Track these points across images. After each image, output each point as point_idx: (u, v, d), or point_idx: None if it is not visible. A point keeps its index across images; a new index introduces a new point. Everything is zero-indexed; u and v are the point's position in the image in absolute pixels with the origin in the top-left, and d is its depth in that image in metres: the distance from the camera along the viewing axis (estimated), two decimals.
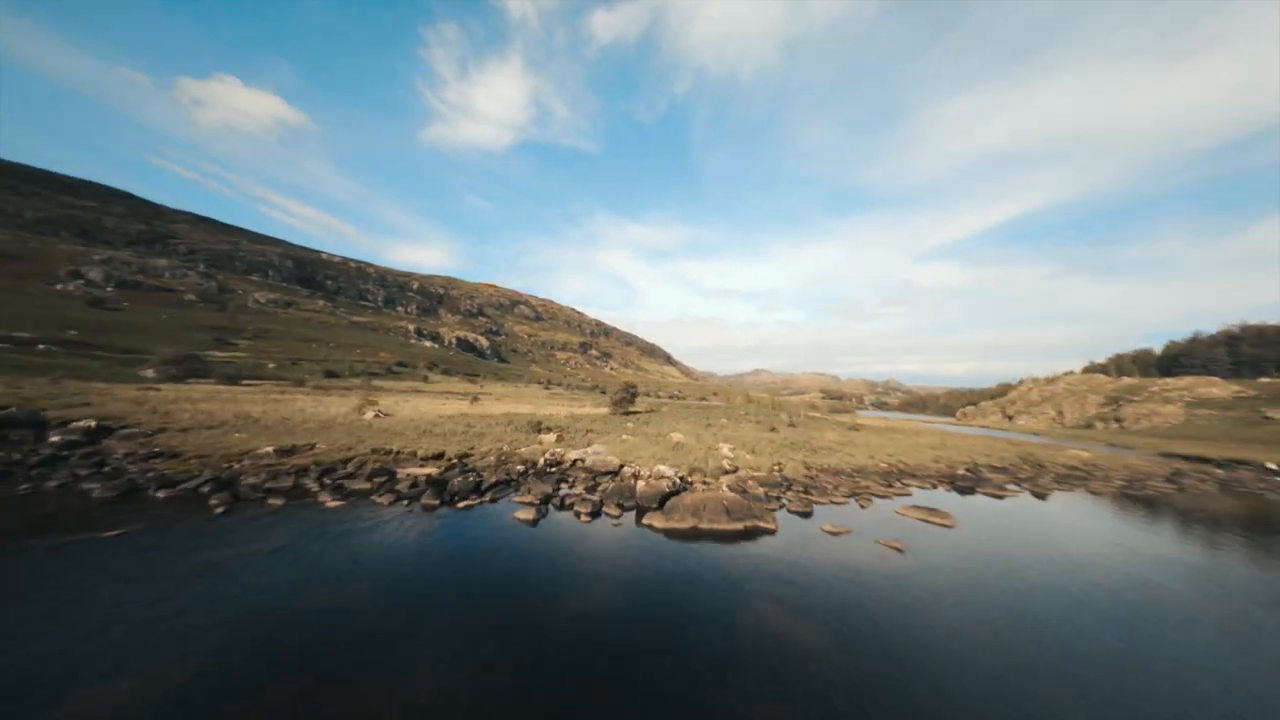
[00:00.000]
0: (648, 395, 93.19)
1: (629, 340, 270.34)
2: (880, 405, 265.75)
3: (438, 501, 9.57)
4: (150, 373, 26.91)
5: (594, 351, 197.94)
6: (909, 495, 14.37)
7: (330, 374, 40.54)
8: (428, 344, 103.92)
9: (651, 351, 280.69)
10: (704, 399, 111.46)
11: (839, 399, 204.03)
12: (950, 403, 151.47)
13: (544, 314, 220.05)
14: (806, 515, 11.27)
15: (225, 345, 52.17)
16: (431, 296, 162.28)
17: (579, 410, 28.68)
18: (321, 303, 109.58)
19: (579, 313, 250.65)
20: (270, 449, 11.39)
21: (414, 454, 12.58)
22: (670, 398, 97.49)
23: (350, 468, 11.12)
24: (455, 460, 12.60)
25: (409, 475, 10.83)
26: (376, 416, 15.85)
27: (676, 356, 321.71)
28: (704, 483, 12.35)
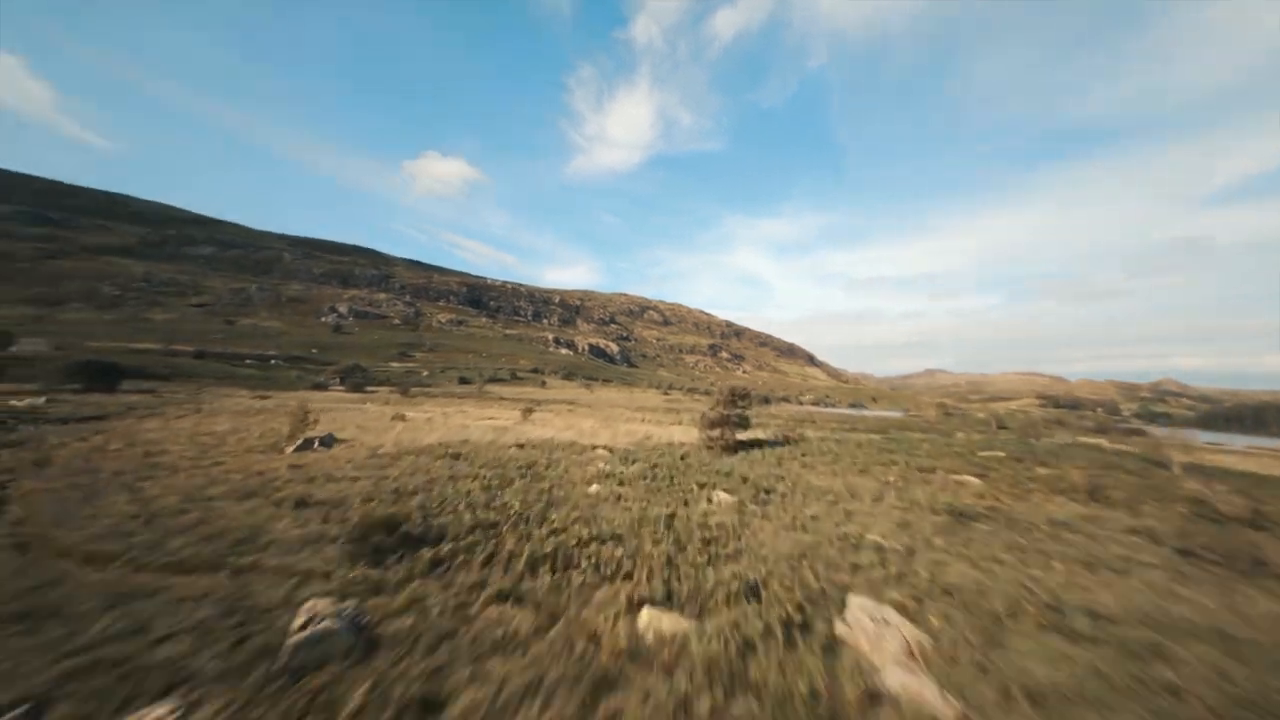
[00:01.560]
0: (786, 401, 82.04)
1: (763, 341, 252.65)
2: (1151, 417, 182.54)
3: None
4: (325, 378, 30.87)
5: (724, 354, 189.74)
6: None
7: (463, 380, 44.40)
8: (563, 351, 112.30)
9: (790, 352, 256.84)
10: (856, 404, 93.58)
11: (1072, 408, 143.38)
12: None
13: (671, 318, 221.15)
14: None
15: (405, 357, 63.12)
16: (570, 308, 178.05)
17: (660, 431, 16.67)
18: (484, 320, 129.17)
19: (708, 315, 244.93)
20: None
21: None
22: (814, 404, 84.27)
23: None
24: None
25: None
26: (300, 449, 8.51)
27: (820, 356, 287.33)
28: None
